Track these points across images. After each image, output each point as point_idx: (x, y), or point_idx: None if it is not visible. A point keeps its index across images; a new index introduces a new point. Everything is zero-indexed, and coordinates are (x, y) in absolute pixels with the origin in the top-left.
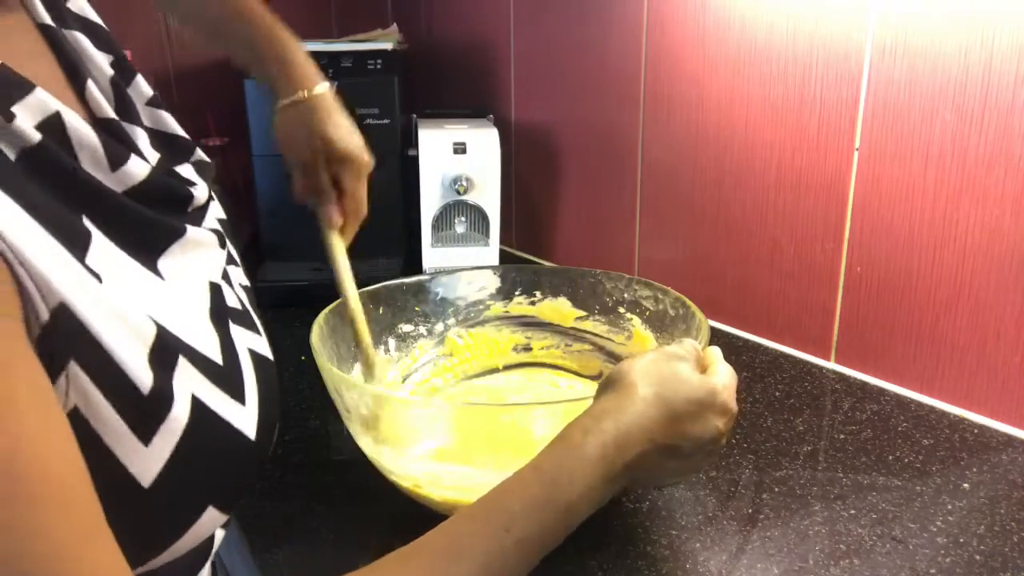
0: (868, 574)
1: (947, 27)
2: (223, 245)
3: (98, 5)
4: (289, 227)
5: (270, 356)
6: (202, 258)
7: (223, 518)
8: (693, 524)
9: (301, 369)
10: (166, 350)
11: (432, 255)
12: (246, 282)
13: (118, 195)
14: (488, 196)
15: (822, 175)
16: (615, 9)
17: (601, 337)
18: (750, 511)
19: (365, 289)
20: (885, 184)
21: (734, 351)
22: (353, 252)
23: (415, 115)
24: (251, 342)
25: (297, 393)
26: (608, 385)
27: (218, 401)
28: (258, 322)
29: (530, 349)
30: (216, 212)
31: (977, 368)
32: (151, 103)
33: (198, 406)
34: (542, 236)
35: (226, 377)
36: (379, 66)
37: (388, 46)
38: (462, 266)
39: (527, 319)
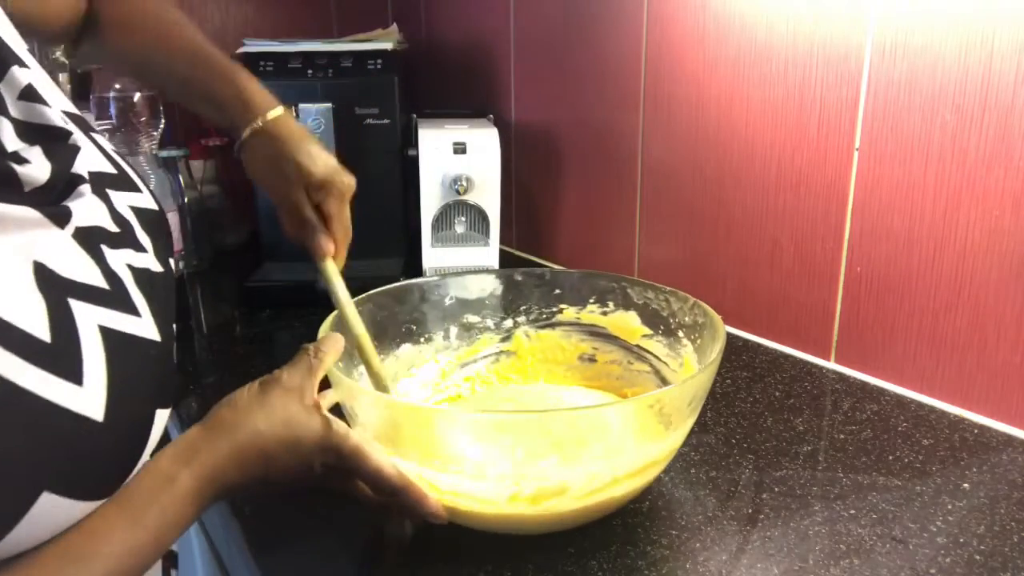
0: (868, 574)
1: (947, 27)
2: (114, 232)
3: None
4: None
5: (145, 336)
6: (23, 238)
7: (82, 506)
8: (693, 524)
9: None
10: None
11: (432, 255)
12: (149, 267)
13: None
14: (488, 196)
15: (822, 175)
16: (615, 9)
17: (659, 360)
18: (750, 511)
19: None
20: (885, 184)
21: (734, 351)
22: (353, 252)
23: (415, 115)
24: (110, 320)
25: None
26: (213, 411)
27: (38, 381)
28: (141, 303)
29: (595, 361)
30: (107, 197)
31: (977, 368)
32: (24, 96)
33: (4, 387)
34: (542, 236)
35: (52, 356)
36: (379, 66)
37: (388, 46)
38: (463, 266)
39: (596, 329)
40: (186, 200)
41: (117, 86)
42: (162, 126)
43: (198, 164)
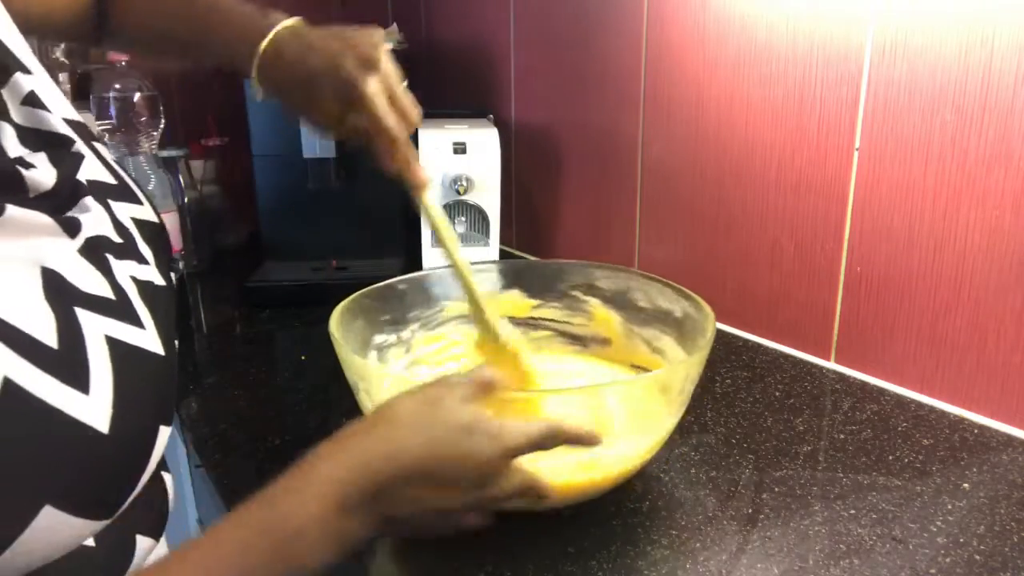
0: (868, 574)
1: (947, 27)
2: (124, 242)
3: None
4: (289, 227)
5: (149, 349)
6: (34, 242)
7: (82, 524)
8: (693, 524)
9: (301, 369)
10: None
11: (432, 255)
12: (152, 280)
13: None
14: (488, 196)
15: (822, 175)
16: (615, 9)
17: (559, 322)
18: (750, 511)
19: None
20: (885, 184)
21: (734, 351)
22: (353, 252)
23: None
24: (116, 331)
25: (297, 393)
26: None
27: (45, 387)
28: (145, 316)
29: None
30: (109, 207)
31: (977, 368)
32: (26, 102)
33: (13, 390)
34: (542, 236)
35: (60, 362)
36: None
37: (388, 46)
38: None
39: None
40: (186, 200)
41: (117, 86)
42: (162, 126)
43: (198, 164)
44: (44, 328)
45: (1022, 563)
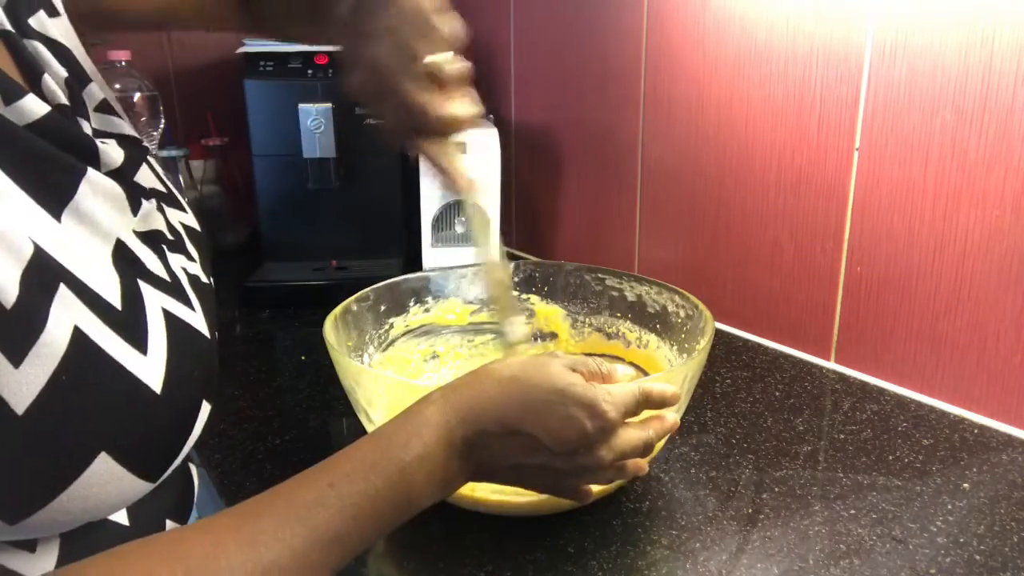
0: (868, 574)
1: (947, 27)
2: (172, 240)
3: None
4: (289, 227)
5: (199, 329)
6: (109, 211)
7: (130, 480)
8: (693, 524)
9: (301, 369)
10: (44, 273)
11: (432, 255)
12: (199, 275)
13: (9, 122)
14: (488, 196)
15: (822, 175)
16: (615, 9)
17: (499, 324)
18: (750, 511)
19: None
20: (885, 184)
21: (734, 351)
22: (353, 252)
23: None
24: (171, 306)
25: (297, 393)
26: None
27: (110, 341)
28: (195, 301)
29: (437, 356)
30: (163, 210)
31: (977, 368)
32: (99, 108)
33: (81, 337)
34: (542, 236)
35: (123, 322)
36: None
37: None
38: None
39: (427, 328)
40: (186, 200)
41: (117, 86)
42: (162, 126)
43: (198, 164)
44: (111, 290)
45: (1022, 563)
